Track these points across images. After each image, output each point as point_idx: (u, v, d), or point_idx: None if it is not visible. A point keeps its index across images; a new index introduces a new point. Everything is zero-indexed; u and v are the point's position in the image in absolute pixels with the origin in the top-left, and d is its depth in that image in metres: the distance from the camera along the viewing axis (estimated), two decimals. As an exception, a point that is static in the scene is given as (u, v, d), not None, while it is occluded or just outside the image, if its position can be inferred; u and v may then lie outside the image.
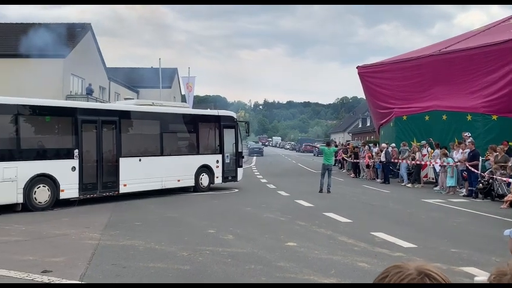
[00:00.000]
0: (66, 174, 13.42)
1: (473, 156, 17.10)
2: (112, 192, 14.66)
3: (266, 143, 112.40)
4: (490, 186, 15.90)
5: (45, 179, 13.07)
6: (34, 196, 12.76)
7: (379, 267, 7.12)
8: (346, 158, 29.75)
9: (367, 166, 24.99)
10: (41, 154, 13.34)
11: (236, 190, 18.28)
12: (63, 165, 13.44)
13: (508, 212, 13.12)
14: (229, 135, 18.75)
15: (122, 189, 14.83)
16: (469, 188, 17.06)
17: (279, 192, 17.79)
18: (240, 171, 19.18)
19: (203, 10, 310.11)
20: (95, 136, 14.39)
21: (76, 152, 13.74)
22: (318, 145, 19.28)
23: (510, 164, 14.20)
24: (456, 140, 19.64)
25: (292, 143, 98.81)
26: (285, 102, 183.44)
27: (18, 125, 12.82)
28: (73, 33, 29.06)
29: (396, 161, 22.27)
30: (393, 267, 1.25)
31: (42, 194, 12.93)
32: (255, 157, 51.34)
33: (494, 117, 19.76)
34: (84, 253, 7.87)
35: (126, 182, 14.87)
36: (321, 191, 17.40)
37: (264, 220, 11.51)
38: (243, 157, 20.43)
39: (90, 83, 31.60)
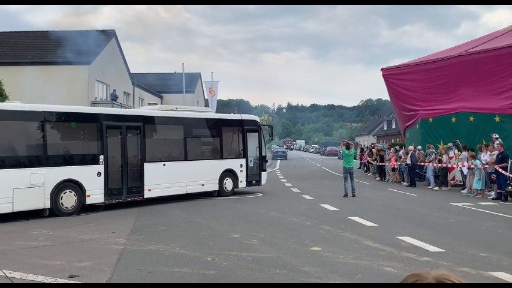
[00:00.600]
0: (92, 180, 13.58)
1: (502, 158, 16.72)
2: (137, 197, 14.78)
3: (291, 147, 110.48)
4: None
5: (72, 184, 13.25)
6: (61, 201, 12.93)
7: (405, 271, 6.98)
8: (371, 161, 29.46)
9: (393, 169, 24.68)
10: (67, 160, 13.54)
11: (260, 194, 18.24)
12: (88, 171, 13.61)
13: (539, 215, 12.78)
14: (252, 139, 18.73)
15: (147, 194, 14.94)
16: (498, 191, 16.68)
17: (303, 196, 17.68)
18: (264, 175, 19.14)
19: (226, 14, 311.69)
20: (119, 141, 14.54)
21: (101, 157, 13.90)
22: (340, 148, 19.03)
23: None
24: (484, 142, 19.25)
25: (316, 146, 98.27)
26: (308, 106, 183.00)
27: (45, 131, 13.04)
28: (98, 40, 29.49)
29: (422, 164, 21.94)
30: (412, 276, 1.19)
31: (68, 199, 13.10)
32: (279, 161, 51.23)
33: (523, 118, 19.31)
34: (110, 258, 7.93)
35: (150, 187, 14.97)
36: (345, 195, 17.19)
37: (288, 224, 11.44)
38: (266, 161, 20.38)
39: (115, 88, 32.03)
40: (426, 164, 21.52)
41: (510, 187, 15.79)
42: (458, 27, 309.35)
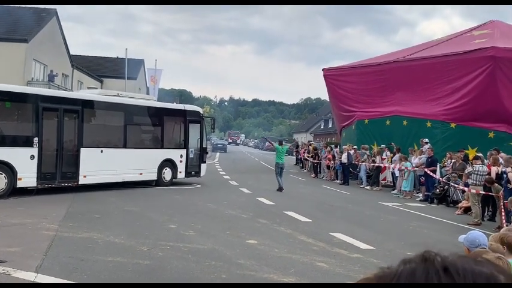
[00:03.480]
0: (25, 163, 13.09)
1: (431, 162, 17.59)
2: (71, 183, 14.39)
3: (237, 141, 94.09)
4: (445, 192, 16.40)
5: (2, 166, 12.73)
6: (-11, 183, 12.40)
7: (337, 267, 7.27)
8: (308, 158, 30.12)
9: (328, 167, 25.36)
10: (-1, 140, 12.98)
11: (199, 186, 18.24)
12: (21, 153, 13.10)
13: (461, 218, 13.59)
14: (194, 130, 18.66)
15: (82, 181, 14.57)
16: (425, 193, 17.55)
17: (241, 189, 17.85)
18: (203, 166, 19.13)
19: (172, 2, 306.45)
20: (56, 125, 14.09)
21: (36, 140, 13.41)
22: (274, 143, 19.33)
23: (466, 172, 14.67)
24: (415, 146, 20.17)
25: (256, 140, 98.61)
26: (250, 100, 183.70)
27: (-24, 109, 12.44)
28: (37, 18, 28.27)
29: (357, 163, 22.69)
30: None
31: (-2, 181, 12.58)
32: (218, 153, 51.24)
33: (453, 125, 20.36)
34: (41, 244, 7.72)
35: (86, 173, 14.62)
36: (280, 189, 17.55)
37: (225, 217, 11.55)
38: (207, 153, 20.38)
39: (52, 69, 30.87)
40: (360, 163, 22.28)
41: (438, 190, 16.64)
42: (396, 34, 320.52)
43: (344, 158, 22.81)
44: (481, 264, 0.66)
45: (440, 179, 16.75)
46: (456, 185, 15.72)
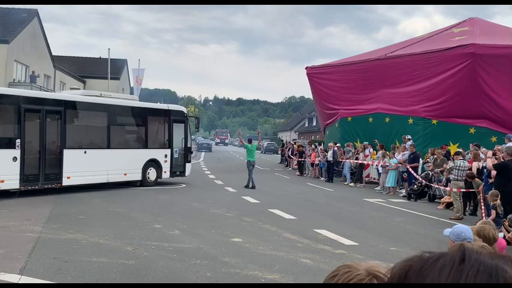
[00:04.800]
0: (7, 165, 12.96)
1: (413, 159, 17.79)
2: (55, 184, 14.30)
3: (226, 140, 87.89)
4: (423, 188, 16.58)
5: (-16, 168, 12.59)
6: (-29, 186, 12.27)
7: (321, 263, 7.36)
8: (291, 156, 30.27)
9: (312, 165, 25.50)
10: (-20, 142, 12.84)
11: (184, 185, 18.23)
12: (3, 155, 12.97)
13: (443, 213, 13.78)
14: (178, 130, 18.64)
15: (65, 182, 14.49)
16: (408, 189, 17.72)
17: (226, 188, 17.88)
18: (188, 166, 19.12)
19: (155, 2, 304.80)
20: (38, 126, 13.98)
21: (18, 141, 13.29)
22: (244, 142, 19.51)
23: (447, 167, 14.89)
24: (397, 142, 20.37)
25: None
26: (234, 99, 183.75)
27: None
28: (19, 19, 27.94)
29: (341, 160, 22.85)
30: (344, 267, 1.25)
31: (-20, 184, 12.46)
32: (203, 153, 51.18)
33: (434, 121, 20.63)
34: (24, 246, 7.68)
35: (69, 175, 14.53)
36: (253, 186, 17.76)
37: (210, 216, 11.57)
38: (191, 152, 20.36)
39: (34, 70, 30.55)
40: (344, 160, 22.45)
41: (415, 186, 16.82)
42: (378, 32, 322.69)
43: (329, 156, 22.96)
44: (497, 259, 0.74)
45: (417, 176, 16.91)
46: (433, 185, 15.97)
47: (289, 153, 31.06)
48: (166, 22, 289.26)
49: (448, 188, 14.25)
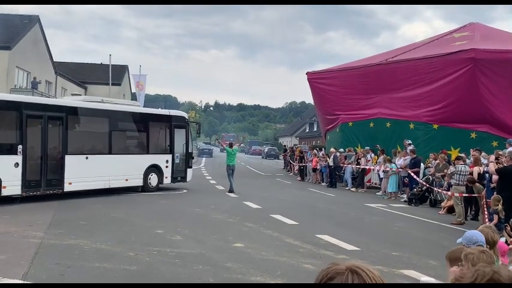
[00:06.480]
0: (9, 170, 12.99)
1: (414, 164, 17.79)
2: (56, 190, 14.31)
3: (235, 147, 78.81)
4: (423, 193, 16.59)
5: (-14, 174, 12.62)
6: (-27, 192, 12.29)
7: (323, 268, 7.34)
8: (291, 162, 30.28)
9: (314, 170, 25.50)
10: (-18, 149, 12.87)
11: (185, 191, 18.23)
12: (5, 161, 13.00)
13: (445, 218, 13.77)
14: (179, 136, 18.66)
15: (67, 188, 14.50)
16: (409, 194, 17.71)
17: (227, 193, 17.88)
18: (189, 171, 19.13)
19: (155, 7, 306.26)
20: (40, 132, 14.01)
21: (20, 147, 13.32)
22: (224, 145, 19.58)
23: (449, 172, 14.88)
24: (398, 147, 20.38)
25: (242, 145, 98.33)
26: (235, 105, 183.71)
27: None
28: (20, 25, 28.05)
29: (342, 165, 22.85)
30: (331, 264, 1.37)
31: (-18, 190, 12.48)
32: (204, 158, 51.23)
33: (435, 126, 20.64)
34: (27, 252, 7.70)
35: (71, 180, 14.54)
36: (231, 191, 17.81)
37: (212, 221, 11.58)
38: (193, 158, 20.38)
39: (35, 76, 30.64)
40: (346, 165, 22.45)
41: (415, 190, 16.83)
42: (378, 37, 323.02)
43: (331, 161, 22.97)
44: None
45: (420, 180, 16.92)
46: (435, 188, 15.97)
47: (289, 158, 31.10)
48: (167, 27, 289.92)
49: (449, 193, 14.25)
